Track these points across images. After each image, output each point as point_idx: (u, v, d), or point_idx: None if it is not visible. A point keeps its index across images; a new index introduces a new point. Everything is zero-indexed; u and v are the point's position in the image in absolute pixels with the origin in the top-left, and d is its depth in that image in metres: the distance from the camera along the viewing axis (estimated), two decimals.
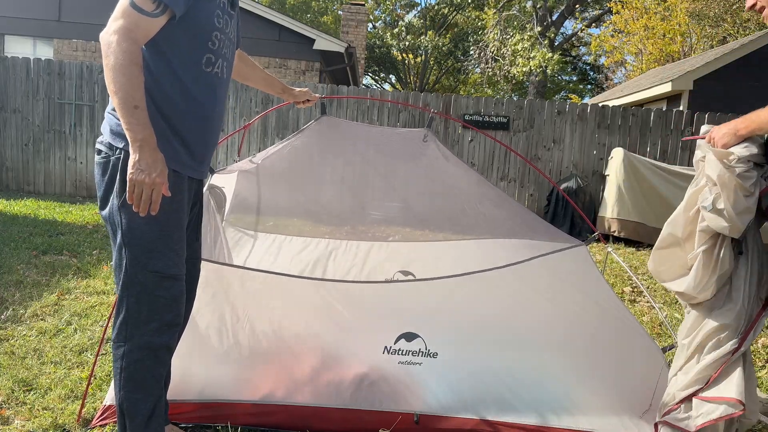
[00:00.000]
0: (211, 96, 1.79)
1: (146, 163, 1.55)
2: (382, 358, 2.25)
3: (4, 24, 11.80)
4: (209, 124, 1.82)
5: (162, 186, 1.58)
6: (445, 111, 8.72)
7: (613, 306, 2.28)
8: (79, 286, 4.03)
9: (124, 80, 1.54)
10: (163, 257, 1.70)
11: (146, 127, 1.57)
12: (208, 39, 1.74)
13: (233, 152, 8.71)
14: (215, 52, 1.76)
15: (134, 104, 1.55)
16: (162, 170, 1.58)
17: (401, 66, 29.36)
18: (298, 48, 11.98)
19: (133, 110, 1.55)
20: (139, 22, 1.58)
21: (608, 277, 5.20)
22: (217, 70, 1.79)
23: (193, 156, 1.80)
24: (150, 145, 1.56)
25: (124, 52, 1.54)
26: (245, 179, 2.75)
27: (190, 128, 1.76)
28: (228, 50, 1.84)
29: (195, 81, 1.74)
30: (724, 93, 10.87)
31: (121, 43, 1.55)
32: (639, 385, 2.25)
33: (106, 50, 1.56)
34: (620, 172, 7.37)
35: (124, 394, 1.74)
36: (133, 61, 1.56)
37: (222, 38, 1.78)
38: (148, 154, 1.55)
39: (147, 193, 1.56)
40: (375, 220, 3.03)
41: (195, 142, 1.78)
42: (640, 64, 20.70)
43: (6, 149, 8.83)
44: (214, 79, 1.79)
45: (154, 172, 1.55)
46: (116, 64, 1.54)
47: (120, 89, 1.54)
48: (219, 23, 1.76)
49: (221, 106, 1.86)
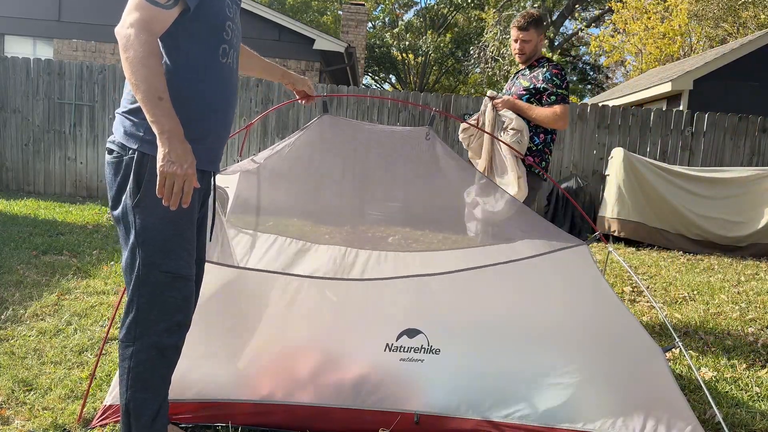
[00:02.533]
0: (225, 87, 1.78)
1: (176, 155, 1.51)
2: (384, 355, 2.25)
3: (4, 24, 11.80)
4: (223, 116, 1.80)
5: (194, 177, 1.55)
6: (445, 111, 8.72)
7: (614, 306, 2.28)
8: (79, 286, 4.03)
9: (146, 72, 1.51)
10: (176, 257, 1.69)
11: (172, 118, 1.54)
12: (222, 29, 1.72)
13: (234, 152, 8.71)
14: (229, 42, 1.75)
15: (158, 95, 1.52)
16: (192, 161, 1.54)
17: (401, 66, 29.36)
18: (298, 48, 11.98)
19: (158, 101, 1.52)
20: (154, 13, 1.55)
21: (608, 277, 5.20)
22: (230, 60, 1.78)
23: (207, 147, 1.78)
24: (178, 136, 1.53)
25: (143, 44, 1.52)
26: (246, 179, 2.75)
27: (204, 118, 1.74)
28: (237, 40, 1.83)
29: (211, 72, 1.72)
30: (723, 93, 10.87)
31: (139, 35, 1.52)
32: (639, 385, 2.24)
33: (125, 44, 1.53)
34: (620, 172, 7.37)
35: (131, 393, 1.73)
36: (152, 53, 1.53)
37: (233, 28, 1.77)
38: (177, 145, 1.52)
39: (179, 184, 1.52)
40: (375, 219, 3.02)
41: (208, 132, 1.77)
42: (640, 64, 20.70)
43: (6, 149, 8.83)
44: (228, 70, 1.78)
45: (185, 162, 1.52)
46: (136, 57, 1.51)
47: (143, 81, 1.51)
48: (230, 13, 1.75)
49: (234, 97, 1.85)
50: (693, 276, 5.66)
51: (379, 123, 8.84)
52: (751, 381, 3.00)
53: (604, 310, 2.28)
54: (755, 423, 2.52)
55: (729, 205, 7.18)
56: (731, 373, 3.12)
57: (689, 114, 8.62)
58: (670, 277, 5.58)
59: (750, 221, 7.11)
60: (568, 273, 2.31)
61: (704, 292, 4.98)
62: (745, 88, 10.93)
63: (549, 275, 2.31)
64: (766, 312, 4.39)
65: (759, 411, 2.64)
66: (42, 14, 11.75)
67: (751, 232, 7.08)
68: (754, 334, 3.82)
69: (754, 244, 7.11)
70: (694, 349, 3.47)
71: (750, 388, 2.91)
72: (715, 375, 3.07)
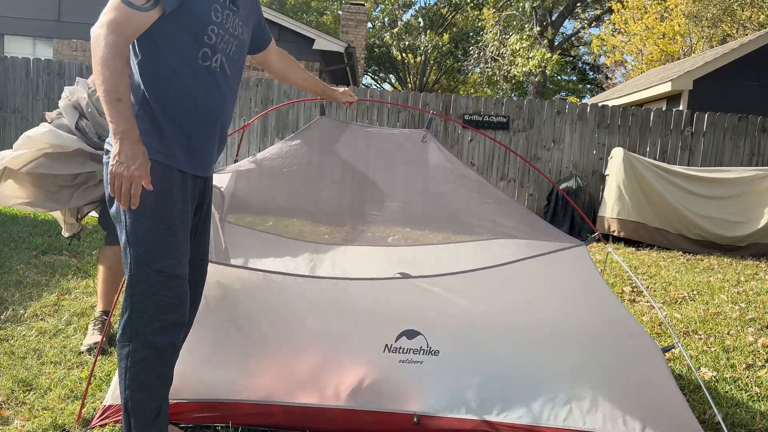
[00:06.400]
0: (208, 91, 1.77)
1: (125, 156, 1.55)
2: (383, 356, 2.25)
3: (4, 24, 11.79)
4: (208, 120, 1.80)
5: (141, 179, 1.57)
6: (444, 111, 8.72)
7: (613, 306, 2.28)
8: (78, 286, 4.03)
9: (108, 73, 1.55)
10: (167, 257, 1.70)
11: (127, 120, 1.56)
12: (204, 33, 1.72)
13: (232, 152, 8.70)
14: (211, 46, 1.75)
15: (117, 97, 1.55)
16: (142, 163, 1.57)
17: (401, 66, 29.37)
18: (298, 48, 11.97)
19: (116, 102, 1.55)
20: (128, 16, 1.58)
21: (608, 277, 5.21)
22: (215, 64, 1.77)
23: (194, 152, 1.78)
24: (130, 138, 1.56)
25: (109, 45, 1.55)
26: (245, 179, 2.75)
27: (188, 123, 1.75)
28: (228, 45, 1.81)
29: (191, 74, 1.73)
30: (723, 93, 10.86)
31: (107, 36, 1.56)
32: (639, 385, 2.24)
33: (94, 43, 1.58)
34: (620, 171, 7.38)
35: (129, 393, 1.74)
36: (117, 54, 1.56)
37: (220, 33, 1.76)
38: (128, 147, 1.55)
39: (126, 185, 1.56)
40: (374, 220, 3.03)
41: (194, 137, 1.77)
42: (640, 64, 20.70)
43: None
44: (212, 74, 1.77)
45: (132, 164, 1.55)
46: (102, 57, 1.55)
47: (104, 82, 1.55)
48: (217, 17, 1.74)
49: (222, 102, 1.83)
50: (693, 276, 5.66)
51: (378, 122, 8.84)
52: (750, 381, 3.00)
53: (604, 311, 2.28)
54: (755, 423, 2.52)
55: (729, 205, 7.18)
56: (731, 373, 3.12)
57: (689, 114, 8.62)
58: (670, 277, 5.58)
59: (750, 221, 7.11)
60: (567, 274, 2.32)
61: (704, 292, 4.99)
62: (745, 88, 10.93)
63: (548, 276, 2.31)
64: (765, 312, 4.39)
65: (759, 411, 2.64)
66: (42, 14, 11.75)
67: (750, 232, 7.08)
68: (754, 334, 3.82)
69: (754, 244, 7.11)
70: (693, 349, 3.47)
71: (750, 388, 2.91)
72: (714, 375, 3.07)
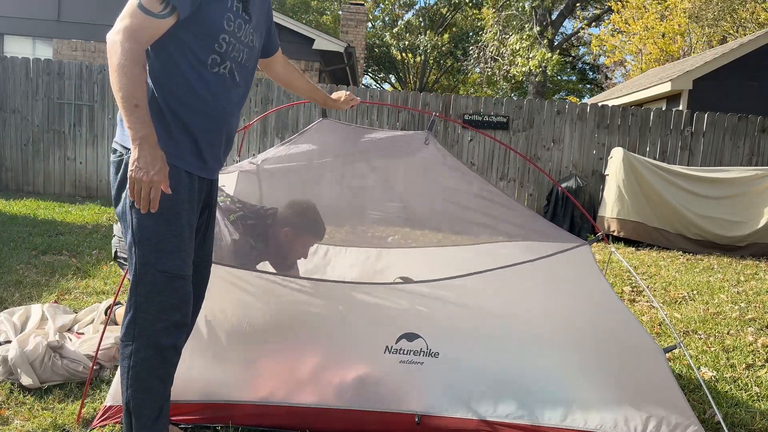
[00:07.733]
0: (216, 95, 1.79)
1: (145, 161, 1.56)
2: (384, 357, 2.25)
3: (4, 24, 11.79)
4: (215, 123, 1.81)
5: (160, 184, 1.59)
6: (444, 111, 8.72)
7: (614, 306, 2.28)
8: (78, 286, 4.03)
9: (125, 80, 1.56)
10: (172, 257, 1.71)
11: (146, 125, 1.58)
12: (215, 41, 1.74)
13: (233, 152, 8.70)
14: (222, 54, 1.76)
15: (135, 103, 1.57)
16: (161, 168, 1.59)
17: (401, 66, 29.38)
18: (298, 48, 11.97)
19: (134, 109, 1.57)
20: (144, 23, 1.60)
21: (608, 277, 5.21)
22: (224, 71, 1.79)
23: (201, 155, 1.80)
24: (149, 143, 1.58)
25: (126, 52, 1.57)
26: (246, 179, 2.75)
27: (195, 126, 1.77)
28: (240, 54, 1.83)
29: (200, 79, 1.74)
30: (723, 93, 10.87)
31: (124, 43, 1.58)
32: (640, 385, 2.24)
33: (111, 50, 1.59)
34: (620, 171, 7.38)
35: (131, 393, 1.75)
36: (135, 61, 1.58)
37: (232, 41, 1.78)
38: (147, 152, 1.57)
39: (146, 190, 1.58)
40: (374, 220, 3.02)
41: (201, 140, 1.79)
42: (639, 64, 20.71)
43: (5, 149, 8.83)
44: (221, 79, 1.79)
45: (152, 169, 1.57)
46: (119, 64, 1.57)
47: (122, 88, 1.57)
48: (229, 26, 1.76)
49: (230, 107, 1.85)
50: (693, 276, 5.66)
51: (378, 122, 8.84)
52: (750, 381, 3.01)
53: (605, 311, 2.28)
54: (755, 423, 2.52)
55: (728, 205, 7.19)
56: (731, 372, 3.12)
57: (689, 114, 8.62)
58: (670, 276, 5.58)
59: (749, 221, 7.12)
60: (569, 274, 2.31)
61: (704, 291, 4.99)
62: (745, 88, 10.93)
63: (550, 276, 2.31)
64: (765, 312, 4.39)
65: (759, 411, 2.64)
66: (42, 14, 11.74)
67: (750, 231, 7.09)
68: (754, 333, 3.82)
69: (754, 244, 7.12)
70: (693, 349, 3.47)
71: (749, 388, 2.91)
72: (714, 375, 3.07)
